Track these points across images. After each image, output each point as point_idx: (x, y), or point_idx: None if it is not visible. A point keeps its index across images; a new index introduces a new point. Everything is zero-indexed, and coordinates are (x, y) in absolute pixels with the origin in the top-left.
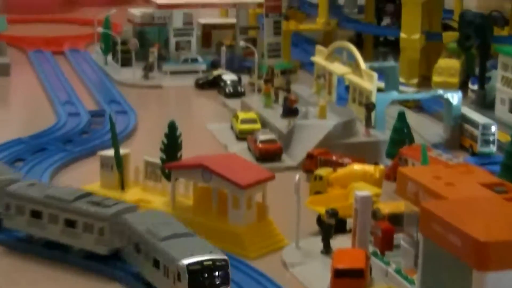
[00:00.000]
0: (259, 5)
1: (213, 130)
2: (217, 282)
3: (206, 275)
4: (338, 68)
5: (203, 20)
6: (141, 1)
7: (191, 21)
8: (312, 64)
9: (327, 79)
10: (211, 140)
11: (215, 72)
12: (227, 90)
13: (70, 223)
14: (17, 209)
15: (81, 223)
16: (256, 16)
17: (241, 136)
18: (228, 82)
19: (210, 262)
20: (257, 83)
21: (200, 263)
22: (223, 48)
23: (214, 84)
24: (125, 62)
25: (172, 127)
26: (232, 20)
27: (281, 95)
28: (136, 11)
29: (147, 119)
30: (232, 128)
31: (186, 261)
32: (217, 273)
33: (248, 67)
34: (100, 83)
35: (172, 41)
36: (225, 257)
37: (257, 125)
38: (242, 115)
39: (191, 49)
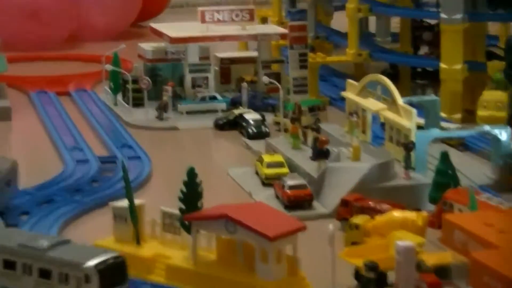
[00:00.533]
0: (283, 36)
1: (235, 175)
2: (121, 279)
3: (111, 273)
4: (372, 104)
5: (221, 54)
6: (152, 34)
7: (208, 56)
8: (342, 100)
9: (360, 116)
10: (234, 187)
11: (236, 111)
12: (249, 131)
13: (45, 274)
14: None
15: (56, 274)
16: (279, 48)
17: (267, 181)
18: (251, 121)
19: (112, 261)
20: (283, 122)
21: (103, 262)
22: (244, 84)
23: (235, 124)
24: (137, 102)
25: (191, 174)
26: (253, 53)
27: (310, 135)
28: (147, 46)
29: (163, 165)
30: (256, 173)
31: (92, 262)
32: (118, 271)
33: (272, 105)
34: (109, 126)
35: (188, 78)
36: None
37: (285, 169)
38: (267, 158)
39: (208, 86)
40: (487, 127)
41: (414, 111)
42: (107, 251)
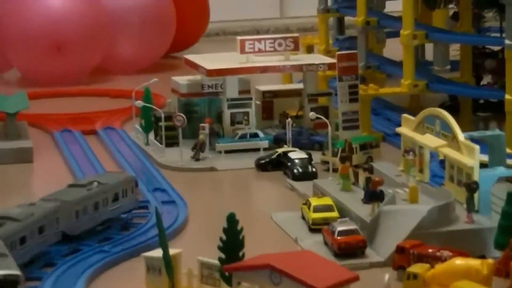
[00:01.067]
0: (330, 66)
1: (280, 221)
2: None
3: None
4: (430, 140)
5: (262, 87)
6: (186, 67)
7: (249, 89)
8: (397, 136)
9: (417, 154)
10: (278, 234)
11: (280, 150)
12: (295, 171)
13: None
14: None
15: None
16: (326, 79)
17: (315, 227)
18: (296, 161)
19: (2, 277)
20: (332, 161)
21: None
22: (289, 120)
23: (279, 164)
24: (170, 141)
25: (231, 220)
26: (298, 85)
27: (362, 175)
28: (181, 80)
29: (200, 211)
30: (303, 217)
31: None
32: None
33: (320, 142)
34: (141, 168)
35: (226, 113)
36: (18, 272)
37: (334, 213)
38: (315, 202)
39: (249, 123)
40: None
41: (476, 147)
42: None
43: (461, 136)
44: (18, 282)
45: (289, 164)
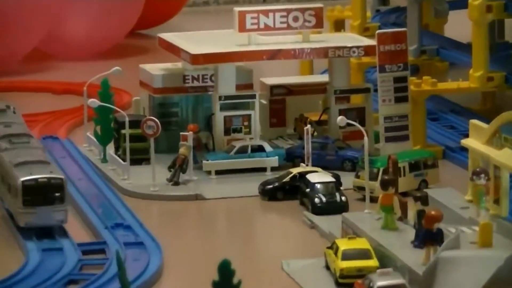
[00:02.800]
0: (368, 50)
1: (294, 271)
2: (52, 198)
3: (41, 191)
4: (510, 158)
5: (271, 80)
6: (161, 50)
7: (251, 83)
8: (464, 151)
9: (490, 177)
10: None
11: (295, 170)
12: (316, 201)
13: None
14: None
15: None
16: (363, 70)
17: (344, 281)
18: (318, 186)
19: (46, 180)
20: (369, 187)
21: (35, 180)
22: (308, 128)
23: (294, 190)
24: (138, 157)
25: (225, 270)
26: (321, 78)
27: (412, 207)
28: (154, 69)
29: (180, 256)
30: (327, 267)
31: (22, 178)
32: (52, 190)
33: (352, 160)
34: (95, 195)
35: (219, 117)
36: (61, 176)
37: (372, 262)
38: (344, 245)
39: (251, 131)
40: None
41: None
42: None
43: None
44: (62, 185)
45: (307, 190)
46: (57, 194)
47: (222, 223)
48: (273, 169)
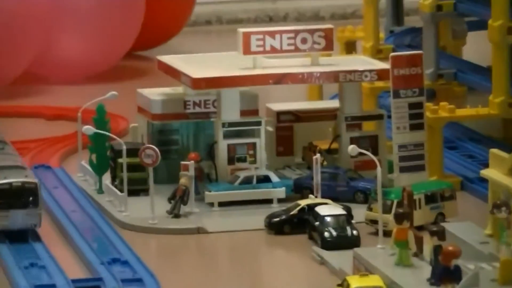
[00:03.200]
0: (381, 74)
1: None
2: (26, 202)
3: (15, 194)
4: None
5: (277, 106)
6: (160, 73)
7: (256, 109)
8: (483, 182)
9: None
10: None
11: (303, 202)
12: (326, 235)
13: None
14: None
15: None
16: (375, 95)
17: None
18: (328, 219)
19: (19, 184)
20: (383, 220)
21: (9, 183)
22: (317, 157)
23: (302, 224)
24: (136, 188)
25: None
26: (331, 104)
27: (428, 242)
28: (153, 94)
29: None
30: None
31: None
32: (26, 194)
33: (365, 191)
34: (90, 228)
35: (222, 145)
36: (35, 180)
37: None
38: (356, 283)
39: (256, 160)
40: None
41: None
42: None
43: None
44: (36, 189)
45: (317, 223)
46: (31, 198)
47: (225, 259)
48: (280, 201)
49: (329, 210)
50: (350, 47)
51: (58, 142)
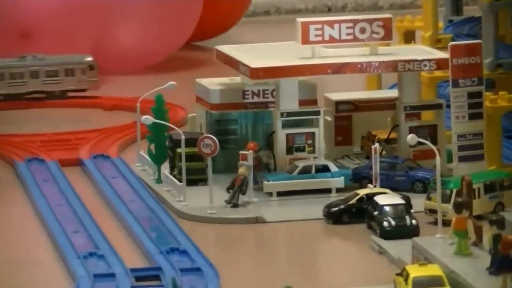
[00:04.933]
0: (440, 64)
1: None
2: None
3: None
4: None
5: (336, 96)
6: (219, 63)
7: (315, 98)
8: None
9: None
10: None
11: (362, 192)
12: (385, 225)
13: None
14: None
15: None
16: (435, 84)
17: None
18: (387, 209)
19: None
20: (442, 210)
21: None
22: (375, 146)
23: (361, 213)
24: (195, 178)
25: None
26: (390, 93)
27: (488, 232)
28: (211, 84)
29: (239, 284)
30: None
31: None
32: None
33: (424, 181)
34: (148, 217)
35: (281, 135)
36: None
37: None
38: (415, 272)
39: (315, 150)
40: None
41: None
42: None
43: None
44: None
45: (375, 213)
46: None
47: (284, 248)
48: (339, 190)
49: (388, 199)
50: (409, 37)
51: (117, 132)
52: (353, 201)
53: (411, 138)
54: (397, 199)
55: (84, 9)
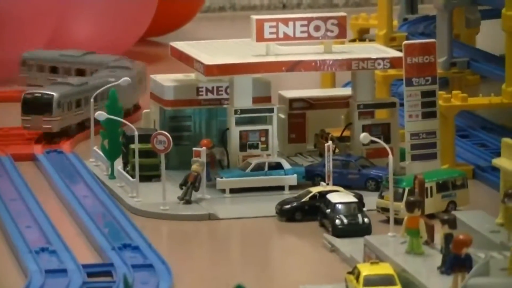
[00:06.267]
0: (394, 62)
1: None
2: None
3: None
4: None
5: (290, 93)
6: (173, 59)
7: (269, 96)
8: (495, 171)
9: None
10: None
11: (315, 189)
12: (337, 223)
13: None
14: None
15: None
16: (388, 83)
17: None
18: (339, 207)
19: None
20: (393, 208)
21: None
22: (329, 144)
23: (313, 211)
24: (148, 174)
25: None
26: (344, 91)
27: (439, 231)
28: (166, 80)
29: (191, 281)
30: None
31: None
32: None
33: (376, 179)
34: (101, 213)
35: (234, 132)
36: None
37: None
38: (366, 270)
39: (268, 147)
40: None
41: None
42: None
43: None
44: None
45: (328, 211)
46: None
47: (236, 245)
48: (292, 188)
49: (340, 197)
50: (363, 35)
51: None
52: (306, 198)
53: (364, 136)
54: (349, 197)
55: (42, 1)
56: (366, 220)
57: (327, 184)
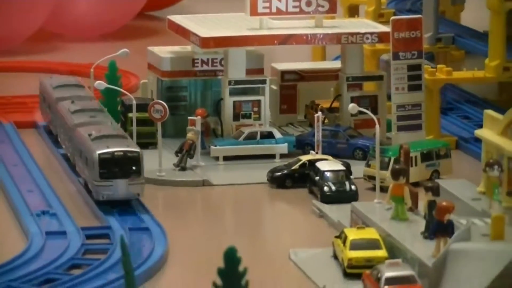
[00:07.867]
0: (382, 37)
1: (301, 261)
2: (128, 171)
3: (117, 164)
4: None
5: (282, 66)
6: (171, 32)
7: (262, 68)
8: (478, 142)
9: (504, 169)
10: (298, 279)
11: (305, 158)
12: (325, 189)
13: None
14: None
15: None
16: (377, 57)
17: (352, 271)
18: (328, 175)
19: (121, 153)
20: (379, 176)
21: (111, 153)
22: (318, 115)
23: (303, 178)
24: (145, 141)
25: (231, 258)
26: (333, 64)
27: (423, 198)
28: (163, 52)
29: (186, 243)
30: (335, 256)
31: (99, 151)
32: (128, 163)
33: (364, 149)
34: None
35: (228, 102)
36: (137, 149)
37: (381, 252)
38: (353, 235)
39: (260, 117)
40: None
41: None
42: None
43: None
44: (138, 158)
45: (317, 178)
46: (133, 168)
47: (229, 211)
48: (282, 156)
49: (329, 165)
50: (353, 11)
51: None
52: (296, 166)
53: (352, 107)
54: (337, 165)
55: None
56: (353, 187)
57: (316, 153)
